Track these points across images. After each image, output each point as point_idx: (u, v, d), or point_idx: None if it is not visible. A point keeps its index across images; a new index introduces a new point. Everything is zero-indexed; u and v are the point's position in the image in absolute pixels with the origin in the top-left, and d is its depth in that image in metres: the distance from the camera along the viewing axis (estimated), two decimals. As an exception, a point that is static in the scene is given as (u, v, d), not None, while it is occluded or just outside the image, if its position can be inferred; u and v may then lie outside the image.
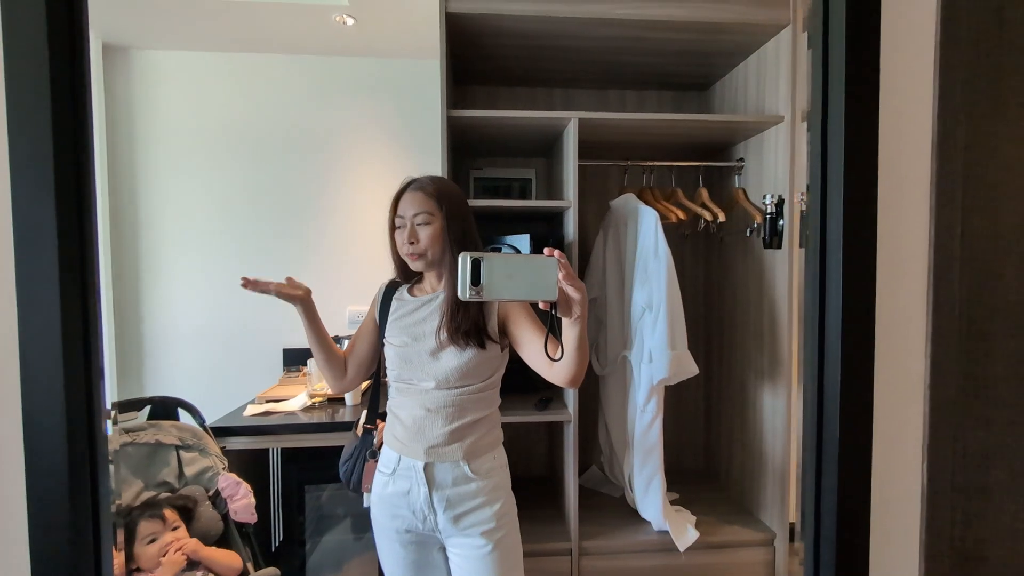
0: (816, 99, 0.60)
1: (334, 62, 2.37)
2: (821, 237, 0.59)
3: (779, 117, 1.69)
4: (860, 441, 0.57)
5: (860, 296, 0.57)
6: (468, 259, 0.74)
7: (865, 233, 0.57)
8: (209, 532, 1.45)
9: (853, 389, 0.56)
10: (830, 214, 0.58)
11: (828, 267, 0.57)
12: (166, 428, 1.55)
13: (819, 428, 0.58)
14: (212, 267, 2.35)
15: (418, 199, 1.14)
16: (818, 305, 0.58)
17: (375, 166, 2.38)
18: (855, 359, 0.57)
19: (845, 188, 0.56)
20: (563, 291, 0.83)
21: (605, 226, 2.00)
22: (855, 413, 0.57)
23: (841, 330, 0.56)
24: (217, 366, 2.36)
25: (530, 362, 1.11)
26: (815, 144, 0.60)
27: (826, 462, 0.58)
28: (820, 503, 0.58)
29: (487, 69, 2.01)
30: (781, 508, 1.73)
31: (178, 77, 2.34)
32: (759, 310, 1.83)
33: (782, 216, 1.70)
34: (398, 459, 1.15)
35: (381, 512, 1.18)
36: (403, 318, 1.19)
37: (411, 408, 1.15)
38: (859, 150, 0.57)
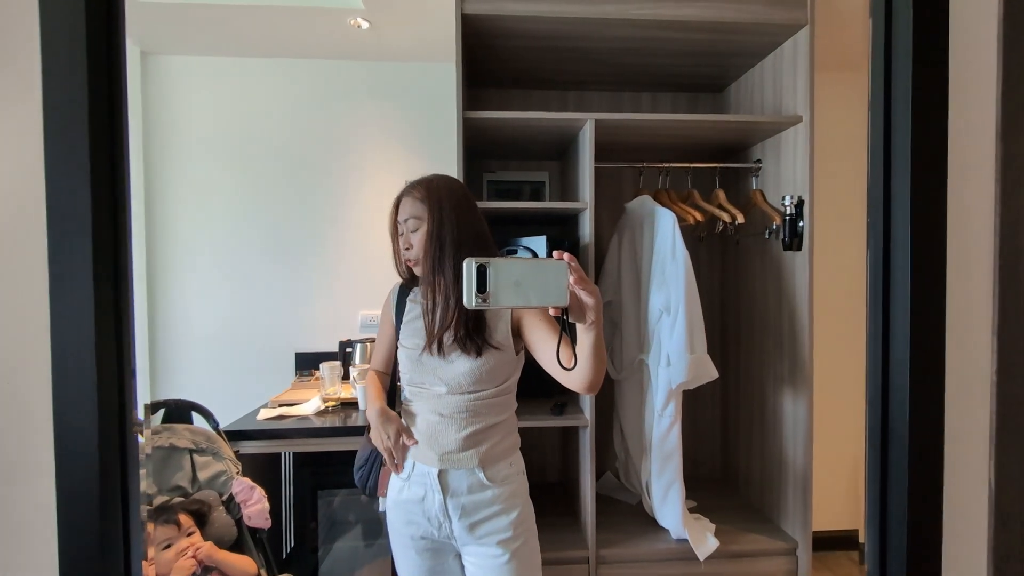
0: (877, 81, 0.58)
1: (349, 66, 2.38)
2: (885, 228, 0.56)
3: (797, 117, 1.67)
4: (931, 440, 0.54)
5: (930, 287, 0.54)
6: (473, 265, 0.70)
7: (934, 222, 0.54)
8: (223, 537, 1.43)
9: (923, 388, 0.53)
10: (895, 203, 0.55)
11: (893, 258, 0.55)
12: (180, 432, 1.54)
13: (884, 429, 0.55)
14: (226, 270, 2.35)
15: (408, 204, 1.12)
16: (882, 299, 0.56)
17: (390, 170, 2.38)
18: (925, 355, 0.54)
19: (913, 177, 0.53)
20: (575, 296, 0.80)
21: (620, 228, 1.98)
22: (926, 411, 0.54)
23: (910, 325, 0.53)
24: (230, 370, 2.36)
25: (545, 366, 1.07)
26: (876, 125, 0.58)
27: (894, 465, 0.55)
28: (887, 507, 0.55)
29: (501, 72, 2.01)
30: (803, 516, 1.69)
31: (193, 82, 2.35)
32: (778, 313, 1.80)
33: (802, 217, 1.67)
34: (412, 464, 1.13)
35: (396, 518, 1.15)
36: (416, 320, 1.16)
37: (424, 413, 1.12)
38: (928, 135, 0.55)
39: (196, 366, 2.36)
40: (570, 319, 0.82)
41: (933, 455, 0.58)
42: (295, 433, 1.70)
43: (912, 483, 0.54)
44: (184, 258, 2.36)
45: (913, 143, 0.57)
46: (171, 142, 2.35)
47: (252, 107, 2.36)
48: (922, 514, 0.57)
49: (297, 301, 2.37)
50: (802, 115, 1.66)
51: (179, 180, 2.35)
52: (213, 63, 2.35)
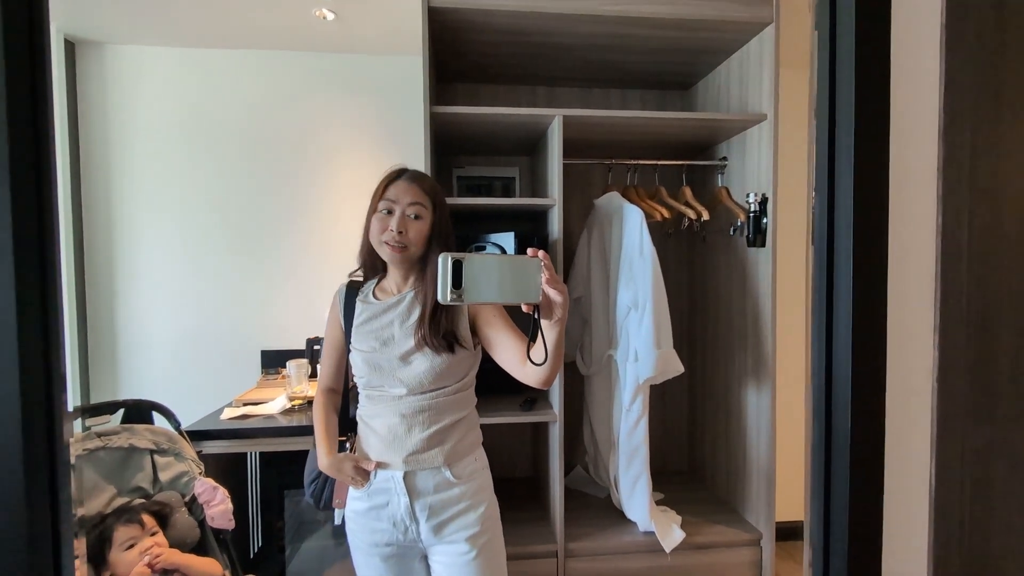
0: (823, 85, 0.59)
1: (314, 58, 2.33)
2: (829, 227, 0.57)
3: (762, 115, 1.70)
4: (873, 436, 0.55)
5: (871, 287, 0.55)
6: (449, 260, 0.70)
7: (876, 222, 0.55)
8: (185, 539, 1.40)
9: (865, 383, 0.55)
10: (839, 203, 0.56)
11: (837, 256, 0.56)
12: (140, 432, 1.50)
13: (828, 423, 0.56)
14: (189, 267, 2.29)
15: (414, 191, 1.09)
16: (825, 298, 0.57)
17: (356, 165, 2.34)
18: (867, 352, 0.55)
19: (856, 177, 0.54)
20: (545, 293, 0.80)
21: (589, 225, 1.99)
22: (867, 408, 0.55)
23: (852, 323, 0.54)
24: (194, 369, 2.30)
25: (502, 362, 1.08)
26: (822, 131, 0.59)
27: (836, 458, 0.56)
28: (830, 501, 0.56)
29: (470, 66, 1.99)
30: (767, 507, 1.73)
31: (154, 73, 2.28)
32: (742, 309, 1.83)
33: (765, 214, 1.70)
34: (374, 472, 1.10)
35: (358, 527, 1.13)
36: (369, 322, 1.13)
37: (385, 416, 1.10)
38: (870, 137, 0.56)
39: (159, 366, 2.30)
40: (539, 316, 0.83)
41: (874, 449, 0.60)
42: (260, 432, 1.67)
43: (853, 475, 0.55)
44: (146, 255, 2.29)
45: (856, 142, 0.58)
46: (132, 137, 2.27)
47: (214, 100, 2.29)
48: (863, 507, 0.59)
49: (263, 298, 2.33)
50: (767, 113, 1.69)
51: (141, 176, 2.28)
52: (173, 54, 2.28)
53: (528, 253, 0.75)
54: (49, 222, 0.52)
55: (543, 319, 0.85)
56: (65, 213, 2.18)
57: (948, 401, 0.56)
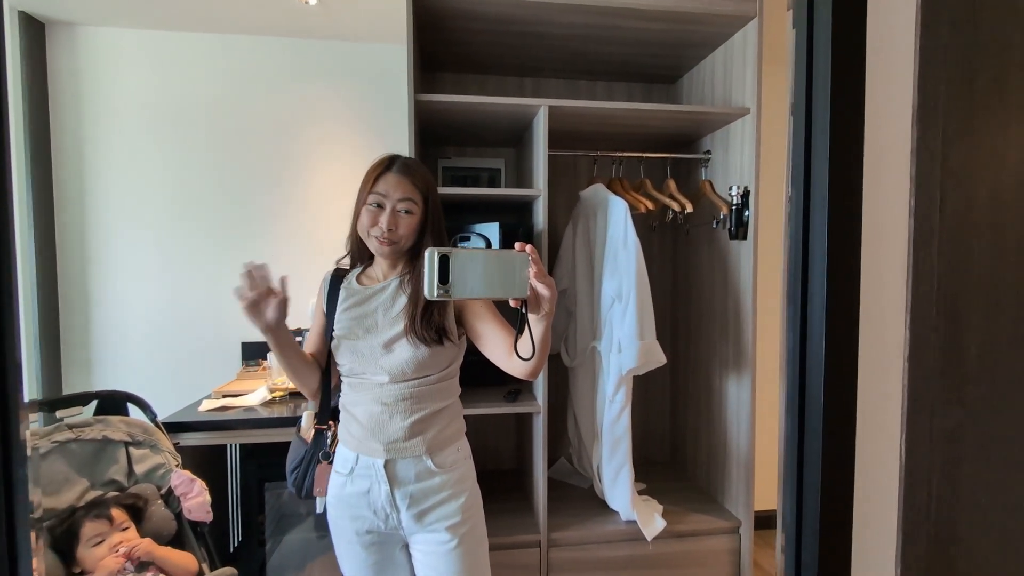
0: (800, 73, 0.60)
1: (297, 45, 2.28)
2: (804, 207, 0.58)
3: (745, 109, 1.71)
4: (845, 415, 0.56)
5: (845, 267, 0.56)
6: (436, 256, 0.70)
7: (850, 202, 0.56)
8: (161, 532, 1.37)
9: (838, 361, 0.56)
10: (814, 185, 0.57)
11: (812, 237, 0.57)
12: (114, 424, 1.47)
13: (801, 405, 0.57)
14: (166, 257, 2.24)
15: (405, 185, 1.07)
16: (800, 277, 0.57)
17: (339, 154, 2.31)
18: (840, 330, 0.56)
19: (831, 162, 0.55)
20: (533, 288, 0.80)
21: (575, 216, 1.99)
22: (839, 387, 0.56)
23: (826, 302, 0.55)
24: (174, 360, 2.25)
25: (489, 354, 1.08)
26: (798, 117, 0.59)
27: (809, 439, 0.57)
28: (802, 481, 0.57)
29: (456, 56, 1.97)
30: (746, 496, 1.76)
31: (129, 57, 2.21)
32: (724, 301, 1.85)
33: (748, 207, 1.72)
34: (355, 458, 1.10)
35: (339, 514, 1.12)
36: (352, 308, 1.12)
37: (366, 404, 1.09)
38: (845, 122, 0.56)
39: (136, 357, 2.25)
40: (527, 311, 0.83)
41: (846, 429, 0.61)
42: (240, 424, 1.65)
43: (826, 454, 0.56)
44: (121, 243, 2.23)
45: (832, 127, 0.59)
46: (108, 122, 2.21)
47: (192, 86, 2.24)
48: (835, 487, 0.60)
49: (244, 288, 2.29)
50: (750, 107, 1.70)
51: (117, 162, 2.21)
52: (149, 37, 2.22)
53: (515, 248, 0.74)
54: (2, 205, 0.49)
55: (530, 313, 0.85)
56: (36, 199, 2.12)
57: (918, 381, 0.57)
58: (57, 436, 1.38)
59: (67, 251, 2.21)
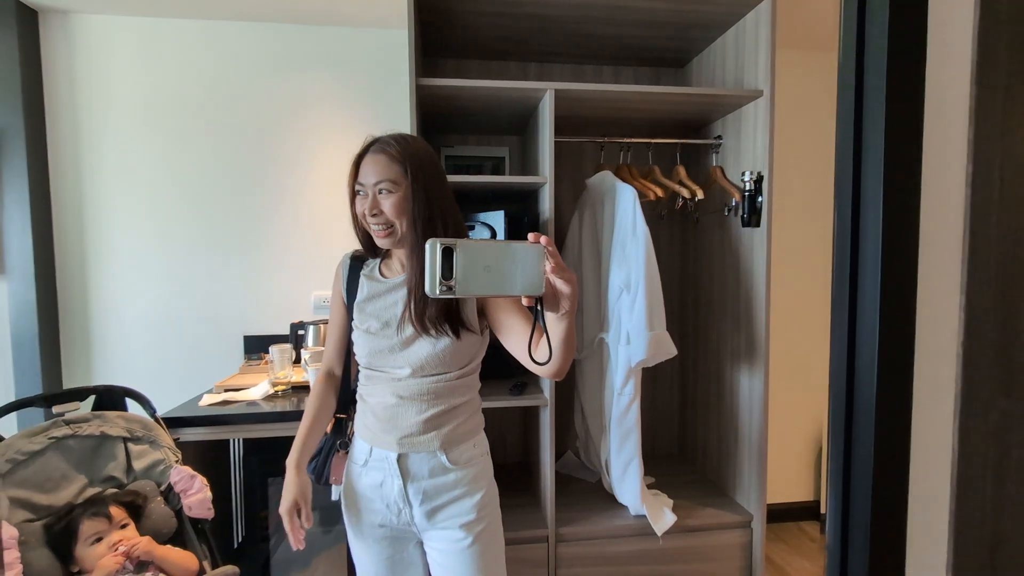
0: (849, 36, 0.54)
1: (296, 31, 2.23)
2: (855, 185, 0.52)
3: (758, 92, 1.65)
4: (900, 406, 0.51)
5: (902, 243, 0.50)
6: (438, 247, 0.61)
7: (909, 179, 0.50)
8: (161, 530, 1.34)
9: (893, 349, 0.50)
10: (867, 162, 0.51)
11: (863, 211, 0.51)
12: (112, 419, 1.43)
13: (849, 392, 0.52)
14: (166, 248, 2.20)
15: (380, 163, 0.99)
16: (849, 260, 0.52)
17: (340, 142, 2.26)
18: (896, 316, 0.51)
19: (887, 132, 0.49)
20: (550, 284, 0.71)
21: (581, 205, 1.94)
22: (894, 377, 0.51)
23: (880, 285, 0.49)
24: (175, 354, 2.22)
25: (512, 350, 1.01)
26: (846, 77, 0.54)
27: (859, 433, 0.52)
28: (850, 477, 0.52)
29: (459, 40, 1.92)
30: (758, 490, 1.72)
31: (124, 44, 2.16)
32: (736, 290, 1.81)
33: (760, 193, 1.67)
34: (370, 450, 1.07)
35: (353, 505, 1.10)
36: (373, 300, 1.08)
37: (382, 396, 1.05)
38: (905, 82, 0.51)
39: (137, 351, 2.22)
40: (543, 309, 0.74)
41: (901, 426, 0.56)
42: (242, 419, 1.61)
43: (878, 454, 0.52)
44: (122, 237, 2.19)
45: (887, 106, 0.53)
46: (104, 111, 2.16)
47: (191, 74, 2.19)
48: (887, 487, 0.55)
49: (245, 282, 2.25)
50: (763, 89, 1.65)
51: (114, 153, 2.17)
52: (144, 24, 2.17)
53: (529, 239, 0.66)
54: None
55: (548, 312, 0.76)
56: (32, 192, 2.08)
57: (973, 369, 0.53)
58: (54, 432, 1.35)
59: (64, 245, 2.18)
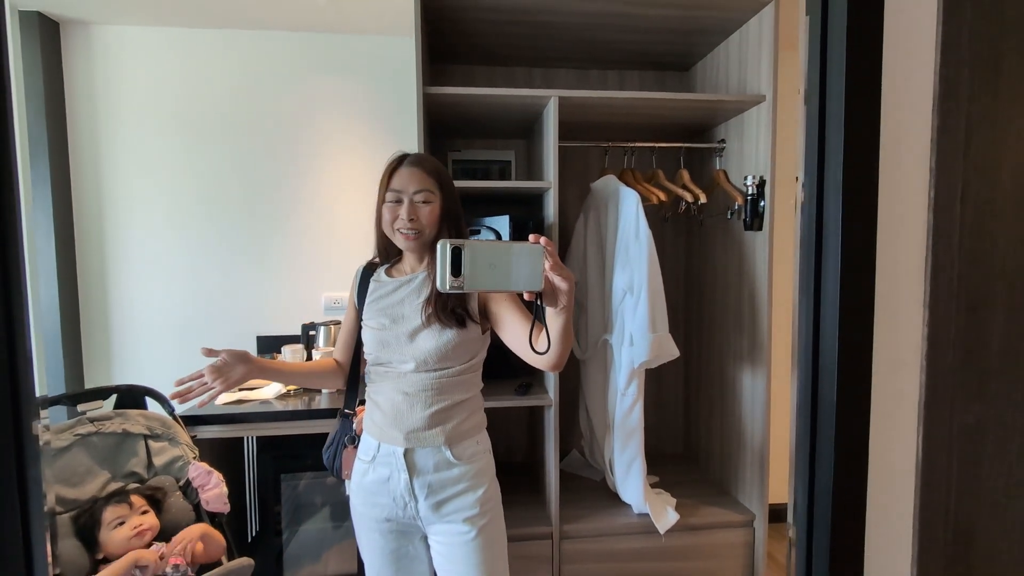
0: (813, 58, 0.57)
1: (308, 38, 2.28)
2: (818, 199, 0.55)
3: (761, 96, 1.67)
4: (858, 411, 0.55)
5: (860, 260, 0.54)
6: (448, 247, 0.70)
7: (866, 192, 0.54)
8: (180, 522, 1.40)
9: (851, 357, 0.54)
10: (828, 175, 0.54)
11: (825, 225, 0.54)
12: (133, 417, 1.50)
13: (814, 399, 0.56)
14: (182, 251, 2.27)
15: (418, 176, 1.10)
16: (813, 269, 0.56)
17: (349, 148, 2.31)
18: (853, 328, 0.54)
19: (846, 150, 0.52)
20: (549, 281, 0.79)
21: (586, 208, 1.97)
22: (853, 382, 0.54)
23: (840, 296, 0.53)
24: (190, 355, 2.29)
25: (511, 344, 1.09)
26: (812, 104, 0.57)
27: (822, 432, 0.55)
28: (814, 478, 0.56)
29: (465, 47, 1.96)
30: (760, 489, 1.74)
31: (141, 54, 2.23)
32: (739, 292, 1.82)
33: (763, 197, 1.68)
34: (377, 446, 1.13)
35: (361, 500, 1.15)
36: (381, 299, 1.16)
37: (389, 393, 1.12)
38: (861, 107, 0.54)
39: (155, 352, 2.29)
40: (543, 303, 0.82)
41: (860, 423, 0.59)
42: (255, 417, 1.67)
43: (839, 449, 0.55)
44: (138, 239, 2.27)
45: (847, 114, 0.56)
46: (122, 119, 2.24)
47: (204, 81, 2.25)
48: (847, 478, 0.58)
49: (259, 283, 2.31)
50: (766, 94, 1.66)
51: (131, 159, 2.24)
52: (160, 34, 2.23)
53: (530, 240, 0.73)
54: (8, 196, 0.50)
55: (547, 306, 0.84)
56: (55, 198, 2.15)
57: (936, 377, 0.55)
58: (79, 429, 1.41)
59: (86, 249, 2.26)
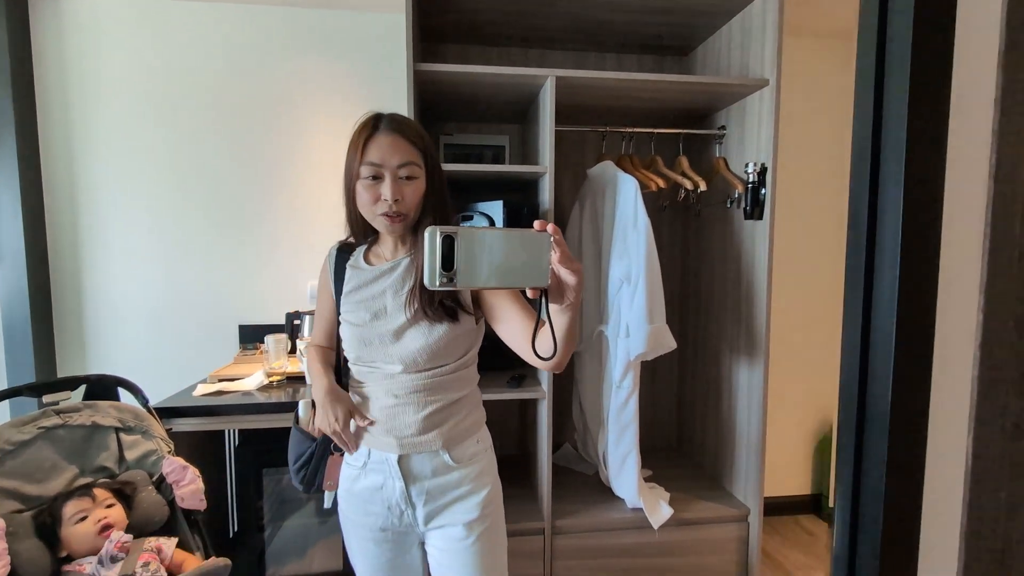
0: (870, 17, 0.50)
1: (293, 13, 2.18)
2: (873, 172, 0.49)
3: (764, 81, 1.62)
4: (916, 407, 0.49)
5: (923, 241, 0.48)
6: (438, 235, 0.57)
7: (932, 162, 0.47)
8: (153, 518, 1.33)
9: (909, 360, 0.48)
10: (886, 149, 0.48)
11: (881, 203, 0.48)
12: (104, 409, 1.41)
13: (862, 391, 0.50)
14: (160, 236, 2.17)
15: (402, 146, 0.93)
16: (865, 255, 0.49)
17: (336, 129, 2.22)
18: (913, 322, 0.48)
19: (909, 121, 0.46)
20: (555, 275, 0.67)
21: (582, 195, 1.91)
22: (911, 377, 0.49)
23: (899, 285, 0.47)
24: (169, 344, 2.20)
25: (508, 341, 0.96)
26: (866, 65, 0.50)
27: (871, 432, 0.50)
28: (860, 479, 0.50)
29: (459, 25, 1.88)
30: (756, 483, 1.71)
31: (118, 25, 2.11)
32: (737, 283, 1.78)
33: (764, 185, 1.64)
34: (368, 452, 1.02)
35: (352, 509, 1.05)
36: (359, 290, 1.02)
37: (378, 396, 1.00)
38: (930, 71, 0.47)
39: (132, 340, 2.19)
40: (547, 301, 0.70)
41: (917, 431, 0.53)
42: (236, 409, 1.59)
43: (891, 461, 0.49)
44: (113, 222, 2.16)
45: (911, 95, 0.50)
46: (96, 96, 2.12)
47: (184, 57, 2.14)
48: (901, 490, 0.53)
49: (240, 271, 2.22)
50: (768, 78, 1.61)
51: (106, 139, 2.13)
52: (137, 5, 2.12)
53: (535, 226, 0.61)
54: None
55: (552, 303, 0.72)
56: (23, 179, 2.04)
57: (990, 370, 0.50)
58: (44, 422, 1.32)
59: (57, 230, 2.14)
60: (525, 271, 0.61)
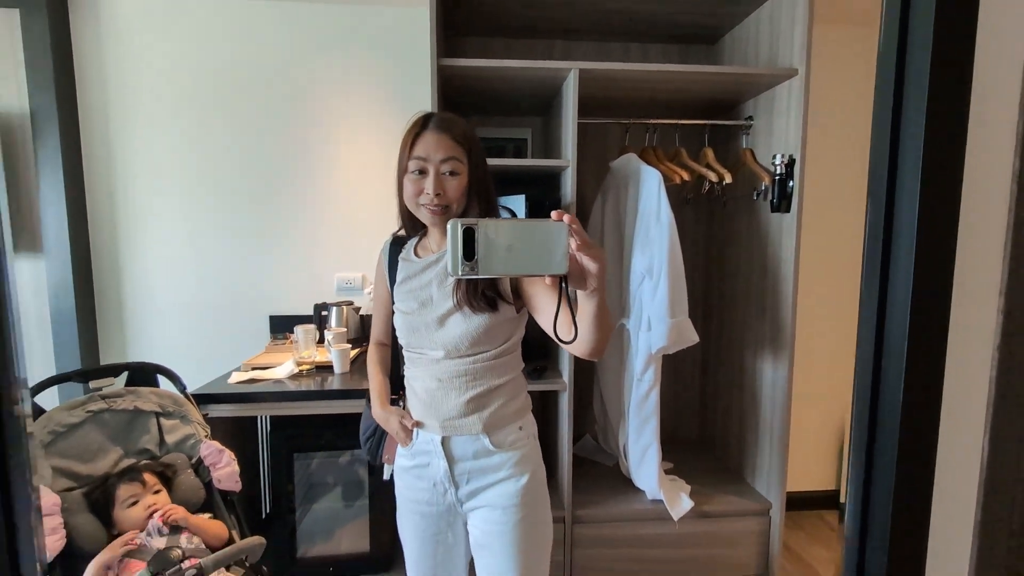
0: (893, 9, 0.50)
1: (319, 9, 2.21)
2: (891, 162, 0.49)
3: (793, 70, 1.59)
4: (928, 404, 0.49)
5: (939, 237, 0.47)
6: (459, 228, 0.61)
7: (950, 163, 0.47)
8: (191, 500, 1.40)
9: (922, 352, 0.48)
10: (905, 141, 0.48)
11: (898, 195, 0.48)
12: (145, 395, 1.49)
13: (875, 386, 0.50)
14: (196, 229, 2.25)
15: (446, 143, 0.99)
16: (881, 247, 0.50)
17: (362, 123, 2.25)
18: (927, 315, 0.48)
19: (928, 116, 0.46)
20: (576, 261, 0.71)
21: (604, 188, 1.91)
22: (923, 375, 0.49)
23: (913, 280, 0.47)
24: (202, 334, 2.29)
25: (546, 328, 0.99)
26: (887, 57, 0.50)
27: (883, 427, 0.50)
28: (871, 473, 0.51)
29: (482, 18, 1.88)
30: (779, 478, 1.70)
31: (155, 25, 2.18)
32: (762, 276, 1.76)
33: (792, 177, 1.61)
34: (416, 433, 1.09)
35: (403, 484, 1.13)
36: (409, 281, 1.09)
37: (423, 379, 1.07)
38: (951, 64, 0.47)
39: (167, 331, 2.28)
40: (569, 286, 0.74)
41: (928, 424, 0.53)
42: (268, 397, 1.65)
43: (902, 453, 0.50)
44: (153, 217, 2.24)
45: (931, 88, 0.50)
46: (133, 92, 2.19)
47: (218, 55, 2.20)
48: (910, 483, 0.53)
49: (271, 263, 2.28)
50: (798, 68, 1.58)
51: (144, 135, 2.21)
52: (174, 4, 2.18)
53: (552, 217, 0.65)
54: None
55: (577, 290, 0.76)
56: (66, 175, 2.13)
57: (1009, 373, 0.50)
58: (91, 406, 1.41)
59: (98, 224, 2.24)
60: (543, 259, 0.64)
